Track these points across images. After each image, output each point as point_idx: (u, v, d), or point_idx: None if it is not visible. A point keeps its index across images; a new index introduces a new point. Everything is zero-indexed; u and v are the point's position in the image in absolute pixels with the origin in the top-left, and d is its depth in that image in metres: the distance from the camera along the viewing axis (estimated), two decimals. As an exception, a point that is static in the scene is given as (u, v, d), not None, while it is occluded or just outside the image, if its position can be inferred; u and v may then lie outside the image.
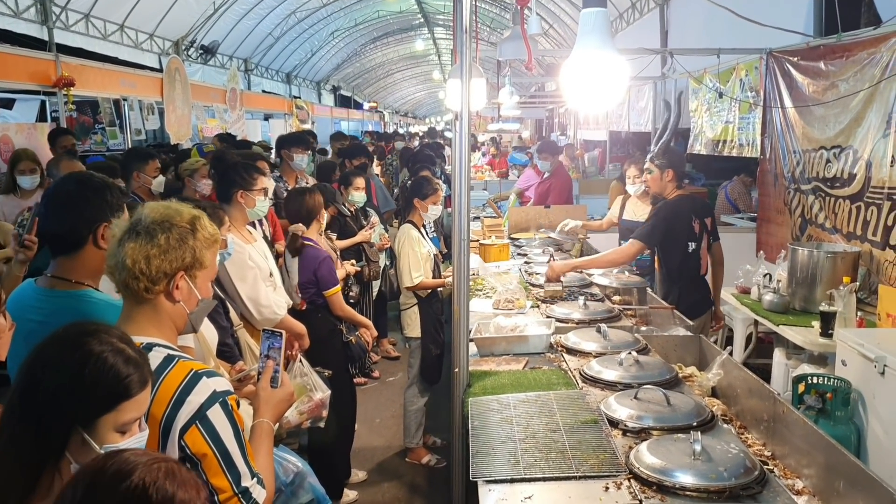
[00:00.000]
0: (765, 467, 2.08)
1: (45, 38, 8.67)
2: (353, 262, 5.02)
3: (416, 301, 4.43)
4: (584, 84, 2.44)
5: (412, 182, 5.03)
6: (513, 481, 2.07)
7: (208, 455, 1.67)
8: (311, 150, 6.30)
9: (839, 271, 3.92)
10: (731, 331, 5.17)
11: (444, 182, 6.62)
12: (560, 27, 14.63)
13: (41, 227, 2.22)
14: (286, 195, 4.63)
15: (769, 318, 4.08)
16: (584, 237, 5.59)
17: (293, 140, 5.99)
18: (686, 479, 1.96)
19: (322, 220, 4.27)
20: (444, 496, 4.14)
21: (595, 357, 3.05)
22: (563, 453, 2.20)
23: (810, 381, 2.97)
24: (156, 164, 4.98)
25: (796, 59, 5.19)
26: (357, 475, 4.43)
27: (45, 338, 1.42)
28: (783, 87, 5.43)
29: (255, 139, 11.88)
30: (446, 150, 11.34)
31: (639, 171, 5.09)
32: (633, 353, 2.88)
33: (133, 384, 1.39)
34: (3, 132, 7.15)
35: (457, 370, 2.92)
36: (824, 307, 3.64)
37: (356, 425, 4.47)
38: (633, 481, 2.03)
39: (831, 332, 3.54)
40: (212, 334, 2.59)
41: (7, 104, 10.39)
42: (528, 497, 2.00)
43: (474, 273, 4.62)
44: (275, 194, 4.27)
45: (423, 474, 4.54)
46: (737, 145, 6.38)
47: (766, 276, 4.34)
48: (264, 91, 17.14)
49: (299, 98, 18.98)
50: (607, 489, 2.01)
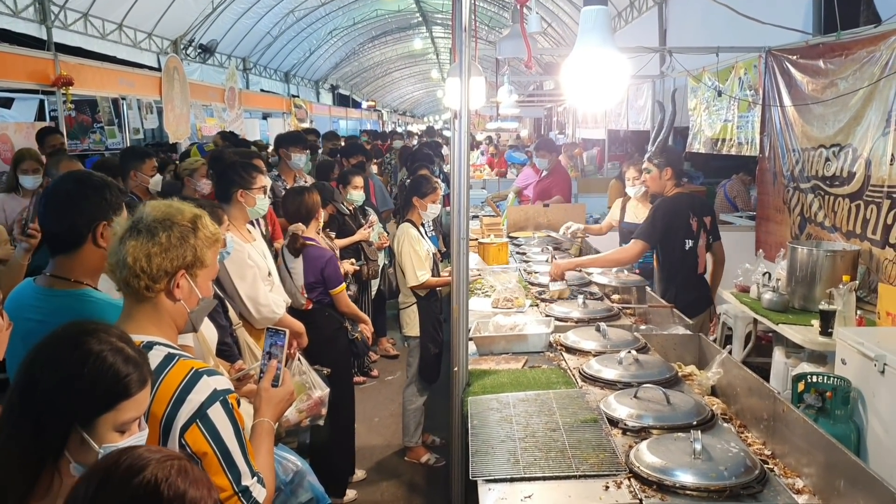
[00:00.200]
0: (765, 466, 2.08)
1: (44, 37, 8.65)
2: (352, 260, 5.02)
3: (414, 300, 4.42)
4: (585, 81, 2.44)
5: (411, 181, 5.03)
6: (512, 480, 2.07)
7: (209, 454, 1.67)
8: (310, 149, 6.30)
9: (839, 270, 3.92)
10: (730, 329, 5.17)
11: (443, 181, 6.61)
12: (559, 26, 14.64)
13: (40, 227, 2.22)
14: (284, 194, 4.63)
15: (768, 317, 4.07)
16: (584, 236, 5.58)
17: (291, 139, 5.99)
18: (686, 478, 1.95)
19: (320, 219, 4.27)
20: (443, 495, 4.14)
21: (594, 356, 3.04)
22: (562, 452, 2.19)
23: (810, 380, 2.96)
24: (153, 163, 4.97)
25: (795, 57, 5.18)
26: (356, 474, 4.43)
27: (44, 337, 1.41)
28: (782, 86, 5.42)
29: (253, 138, 11.89)
30: (445, 148, 11.34)
31: (638, 173, 5.04)
32: (633, 352, 2.88)
33: (132, 383, 1.39)
34: (2, 131, 7.16)
35: (456, 369, 2.92)
36: (824, 306, 3.63)
37: (355, 424, 4.47)
38: (633, 480, 2.03)
39: (831, 330, 3.54)
40: (211, 333, 2.59)
41: (6, 103, 10.37)
42: (528, 496, 1.99)
43: (478, 272, 4.61)
44: (273, 193, 4.26)
45: (422, 473, 4.54)
46: (736, 144, 6.37)
47: (765, 274, 4.33)
48: (263, 90, 17.15)
49: (298, 97, 18.96)
50: (607, 488, 2.00)
